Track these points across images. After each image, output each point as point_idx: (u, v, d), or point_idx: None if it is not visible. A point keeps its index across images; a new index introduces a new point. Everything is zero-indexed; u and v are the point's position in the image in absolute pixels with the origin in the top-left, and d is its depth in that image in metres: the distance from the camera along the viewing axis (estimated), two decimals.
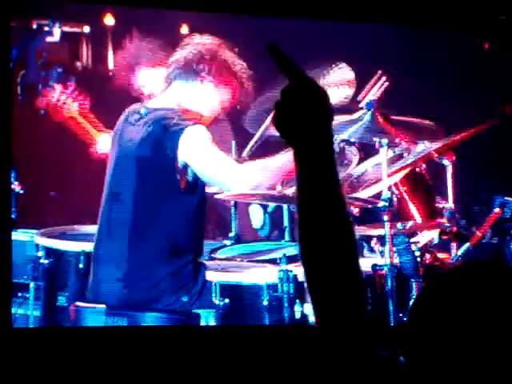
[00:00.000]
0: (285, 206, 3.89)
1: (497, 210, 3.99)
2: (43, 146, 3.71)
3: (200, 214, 3.45)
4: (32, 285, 3.78)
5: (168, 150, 3.38)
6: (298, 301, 3.61)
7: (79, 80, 5.76)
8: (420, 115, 4.03)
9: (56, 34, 5.65)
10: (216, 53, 3.42)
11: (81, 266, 3.70)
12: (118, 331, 3.31)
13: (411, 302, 3.61)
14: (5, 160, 3.26)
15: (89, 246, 3.61)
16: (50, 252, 3.92)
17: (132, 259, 3.37)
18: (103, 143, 3.66)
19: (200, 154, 3.37)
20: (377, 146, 3.81)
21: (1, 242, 3.20)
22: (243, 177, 3.40)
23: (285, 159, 3.42)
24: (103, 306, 3.39)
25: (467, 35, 4.59)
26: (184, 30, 4.15)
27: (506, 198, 4.02)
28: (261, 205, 3.94)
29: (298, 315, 3.60)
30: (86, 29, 5.95)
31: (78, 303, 3.46)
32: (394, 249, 3.70)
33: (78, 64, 5.95)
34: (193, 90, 3.44)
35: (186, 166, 3.39)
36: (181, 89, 3.45)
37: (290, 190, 3.68)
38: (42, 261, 3.90)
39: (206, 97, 3.46)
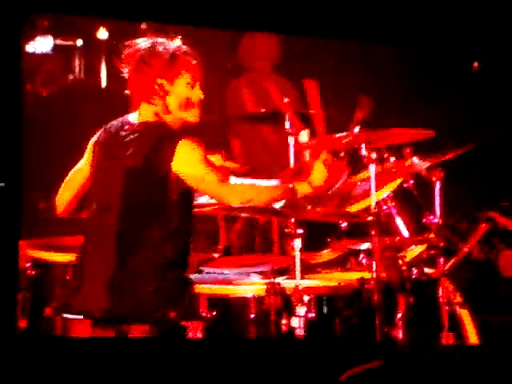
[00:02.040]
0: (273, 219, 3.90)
1: (483, 225, 4.01)
2: (31, 156, 3.71)
3: (188, 229, 3.45)
4: (19, 296, 3.77)
5: (160, 163, 3.37)
6: (285, 314, 3.61)
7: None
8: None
9: (48, 46, 5.68)
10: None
11: (68, 277, 3.70)
12: (106, 342, 3.30)
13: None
14: (15, 172, 3.27)
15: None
16: (37, 263, 3.92)
17: (119, 273, 3.36)
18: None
19: (193, 169, 3.36)
20: (365, 161, 3.82)
21: (7, 251, 3.22)
22: (233, 193, 3.41)
23: (274, 184, 3.46)
24: (89, 318, 3.38)
25: (459, 56, 4.64)
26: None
27: (491, 212, 4.04)
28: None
29: (284, 328, 3.61)
30: (79, 42, 5.99)
31: (65, 315, 3.45)
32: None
33: (70, 76, 5.98)
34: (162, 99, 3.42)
35: (178, 179, 3.39)
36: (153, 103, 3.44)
37: (279, 204, 3.69)
38: (28, 272, 3.90)
39: (178, 101, 3.43)
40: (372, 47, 4.56)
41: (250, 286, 3.80)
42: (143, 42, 3.43)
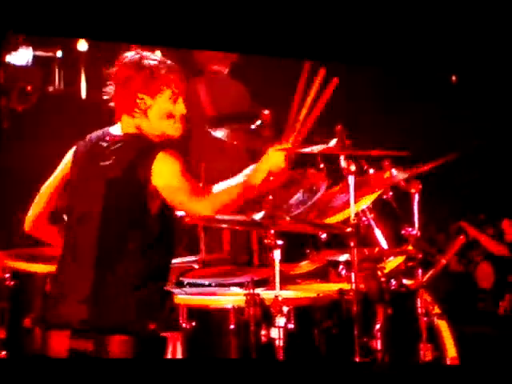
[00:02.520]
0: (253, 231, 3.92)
1: (461, 237, 4.05)
2: (10, 164, 3.71)
3: (169, 240, 3.45)
4: None
5: (140, 175, 3.37)
6: (264, 325, 3.62)
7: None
8: (389, 145, 4.10)
9: (28, 58, 5.68)
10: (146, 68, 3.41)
11: (47, 288, 3.69)
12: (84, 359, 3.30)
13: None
14: None
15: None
16: (16, 274, 3.90)
17: (98, 284, 3.35)
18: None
19: (170, 182, 3.36)
20: (345, 172, 3.85)
21: None
22: (210, 205, 3.41)
23: (243, 176, 3.41)
24: (68, 329, 3.37)
25: (437, 71, 4.69)
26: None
27: (462, 223, 4.08)
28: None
29: (264, 339, 3.62)
30: (59, 53, 5.99)
31: (44, 325, 3.43)
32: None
33: (50, 88, 5.98)
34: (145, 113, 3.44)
35: (157, 191, 3.39)
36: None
37: (258, 215, 3.71)
38: (7, 282, 3.88)
39: (160, 115, 3.45)
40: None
41: (229, 296, 3.81)
42: (130, 56, 3.46)
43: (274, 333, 3.60)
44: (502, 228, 5.07)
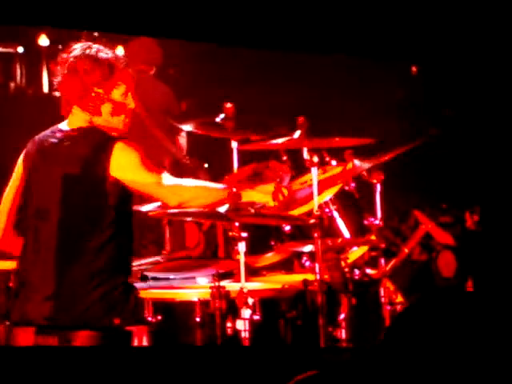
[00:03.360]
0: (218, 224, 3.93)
1: (423, 226, 4.10)
2: None
3: (129, 233, 3.44)
4: None
5: (99, 168, 3.36)
6: (230, 317, 3.64)
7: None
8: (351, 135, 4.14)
9: None
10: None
11: (11, 285, 3.67)
12: (49, 351, 3.28)
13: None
14: None
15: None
16: None
17: (61, 280, 3.33)
18: None
19: (131, 173, 3.36)
20: (307, 164, 3.88)
21: None
22: (172, 194, 3.41)
23: (217, 186, 3.44)
24: (33, 325, 3.36)
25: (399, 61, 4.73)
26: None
27: (416, 212, 4.12)
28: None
29: (229, 331, 3.64)
30: (20, 49, 5.95)
31: (8, 322, 3.42)
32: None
33: (12, 84, 5.94)
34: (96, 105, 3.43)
35: (116, 184, 3.38)
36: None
37: (223, 208, 3.72)
38: None
39: (112, 110, 3.45)
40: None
41: (194, 289, 3.82)
42: (84, 48, 3.43)
43: (240, 325, 3.62)
44: (464, 217, 5.15)
